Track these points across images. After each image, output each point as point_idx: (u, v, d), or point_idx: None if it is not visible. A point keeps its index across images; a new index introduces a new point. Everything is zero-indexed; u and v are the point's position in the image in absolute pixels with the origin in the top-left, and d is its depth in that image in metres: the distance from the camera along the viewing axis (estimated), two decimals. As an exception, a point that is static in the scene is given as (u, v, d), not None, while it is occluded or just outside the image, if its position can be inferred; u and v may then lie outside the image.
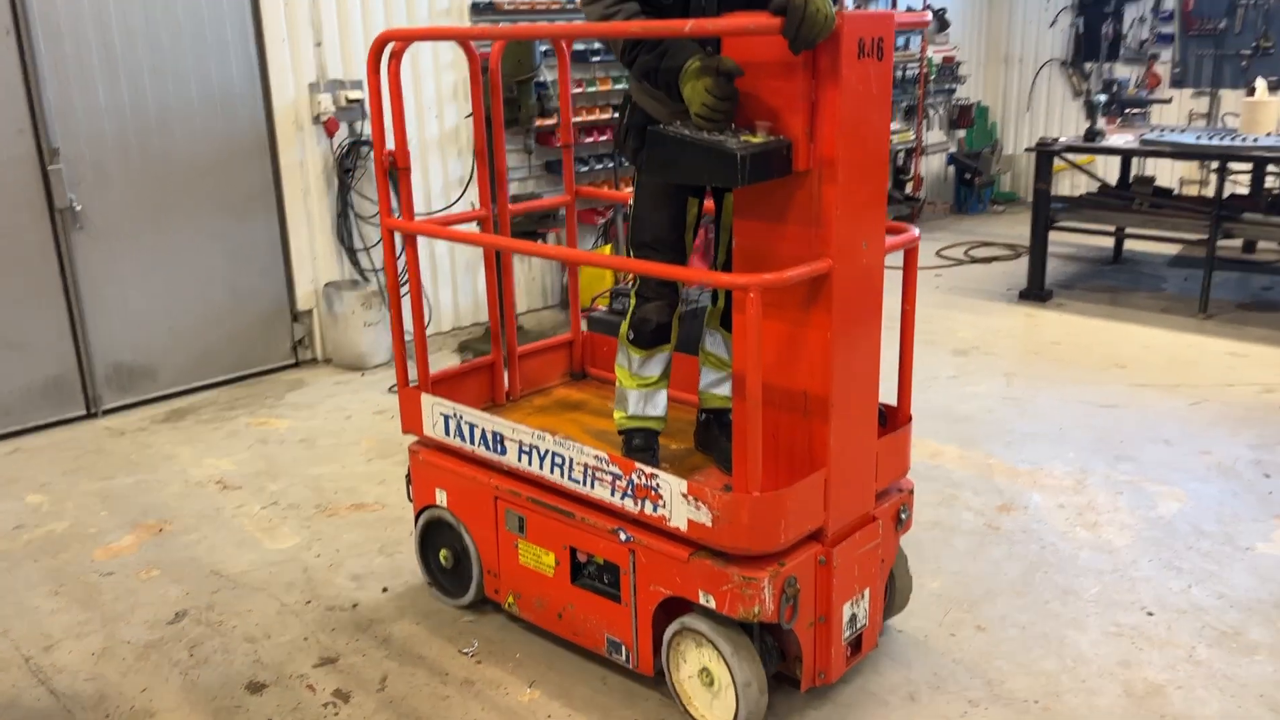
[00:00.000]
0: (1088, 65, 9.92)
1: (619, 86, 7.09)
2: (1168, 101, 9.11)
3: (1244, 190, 7.10)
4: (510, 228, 6.11)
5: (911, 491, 3.12)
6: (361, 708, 3.06)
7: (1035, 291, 7.16)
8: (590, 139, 6.96)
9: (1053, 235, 7.30)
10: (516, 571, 3.27)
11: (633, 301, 3.13)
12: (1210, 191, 7.35)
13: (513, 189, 6.43)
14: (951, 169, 10.31)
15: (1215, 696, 2.99)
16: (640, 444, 3.17)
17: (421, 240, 6.40)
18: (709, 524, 2.65)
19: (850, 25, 2.42)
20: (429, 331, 6.56)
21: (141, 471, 4.75)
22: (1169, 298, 7.14)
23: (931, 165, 10.24)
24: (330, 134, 5.92)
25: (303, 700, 3.10)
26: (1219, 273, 7.04)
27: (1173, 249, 8.10)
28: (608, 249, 6.56)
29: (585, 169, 6.95)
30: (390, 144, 3.28)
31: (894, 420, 3.10)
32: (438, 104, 6.43)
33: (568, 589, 3.13)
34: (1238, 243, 7.64)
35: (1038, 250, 7.14)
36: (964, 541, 3.88)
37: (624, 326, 3.15)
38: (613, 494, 2.88)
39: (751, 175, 2.41)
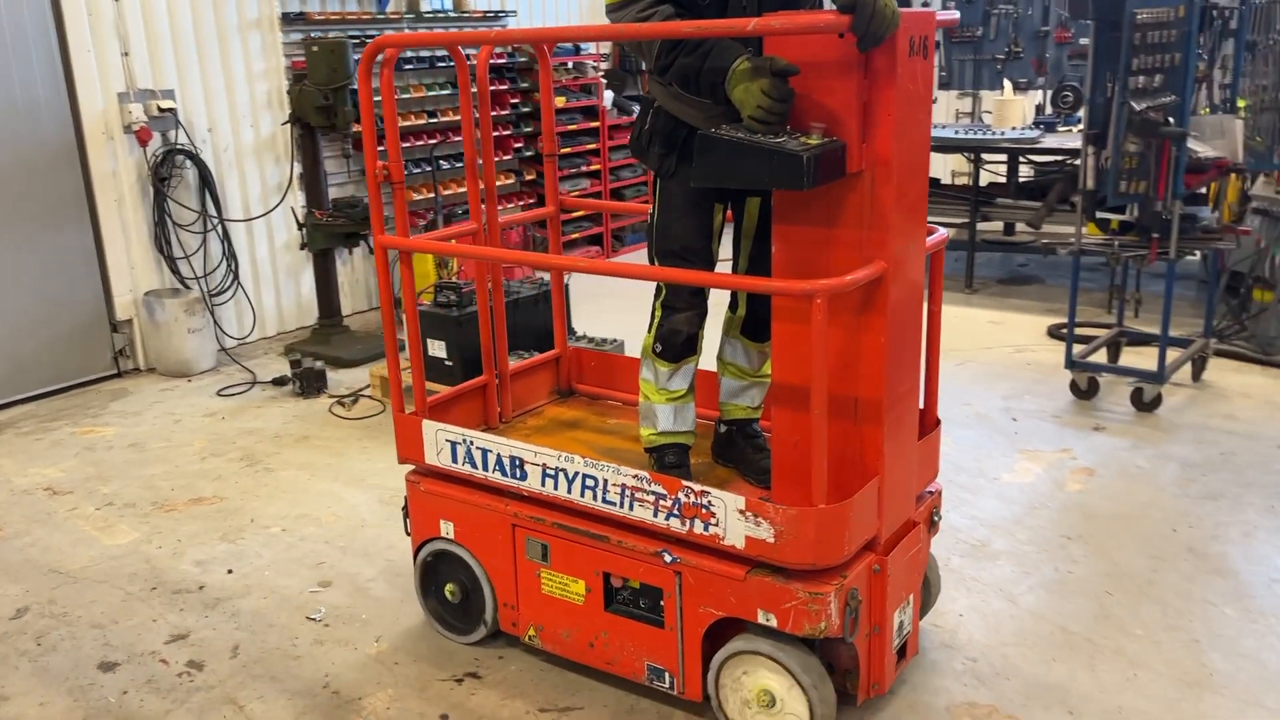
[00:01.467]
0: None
1: (432, 93, 7.36)
2: (935, 101, 10.06)
3: (1001, 179, 8.03)
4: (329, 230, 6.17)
5: (941, 493, 3.16)
6: (216, 673, 3.26)
7: (827, 275, 7.86)
8: (405, 144, 7.19)
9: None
10: (539, 602, 3.12)
11: (658, 314, 3.00)
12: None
13: (333, 193, 6.60)
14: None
15: (964, 594, 3.57)
16: (674, 460, 3.06)
17: (242, 243, 6.54)
18: (771, 540, 2.56)
19: (903, 25, 2.36)
20: (253, 336, 6.68)
21: (-38, 485, 4.71)
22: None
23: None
24: (143, 143, 5.95)
25: (156, 673, 3.28)
26: (982, 252, 7.94)
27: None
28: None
29: (403, 173, 7.17)
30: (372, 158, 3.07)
31: (925, 423, 3.05)
32: (253, 113, 6.52)
33: (600, 617, 2.99)
34: (1000, 226, 8.61)
35: (827, 238, 7.84)
36: (763, 490, 4.39)
37: (648, 340, 3.04)
38: (655, 515, 2.76)
39: (814, 178, 2.30)
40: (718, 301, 3.02)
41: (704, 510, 2.66)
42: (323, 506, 4.37)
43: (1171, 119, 4.63)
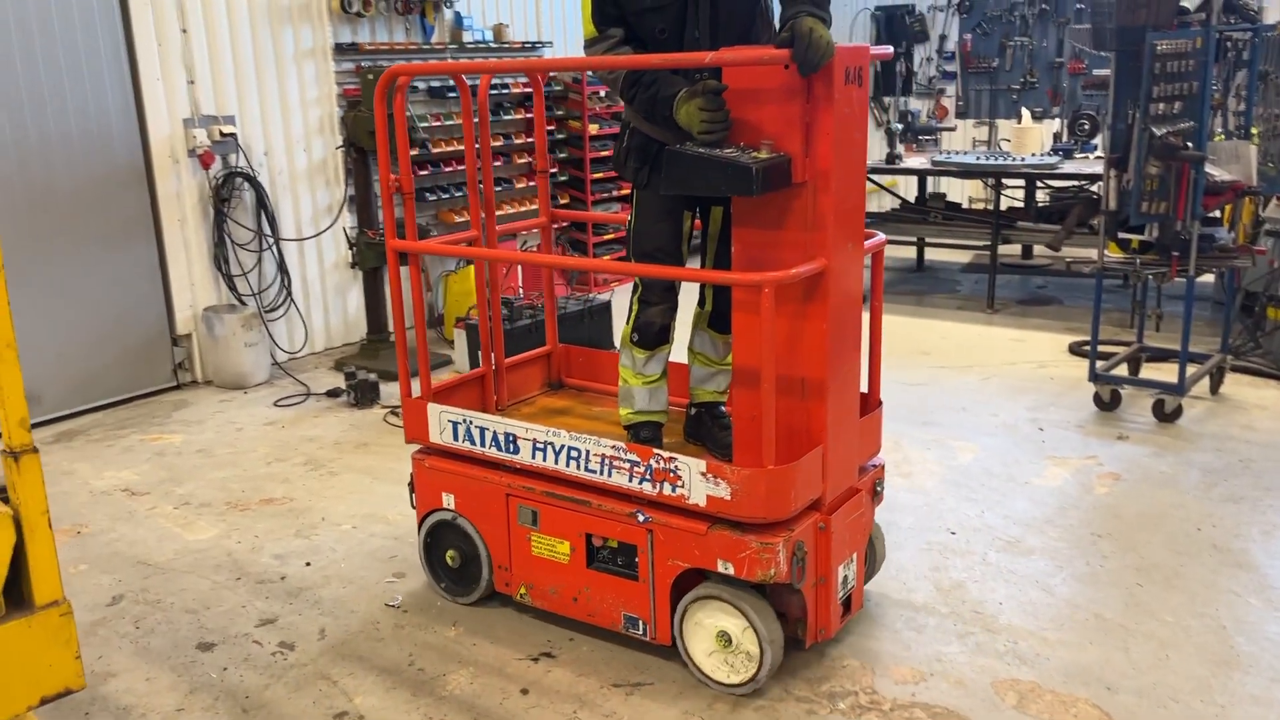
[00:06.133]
0: (886, 99, 11.14)
1: (476, 119, 7.65)
2: (953, 129, 10.38)
3: (1019, 203, 8.31)
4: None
5: (884, 467, 3.56)
6: (307, 652, 3.51)
7: (852, 296, 8.12)
8: (450, 168, 7.50)
9: (864, 247, 8.32)
10: (529, 563, 3.51)
11: (635, 308, 3.42)
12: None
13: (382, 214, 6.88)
14: (774, 193, 11.33)
15: (1002, 585, 3.80)
16: (648, 435, 3.47)
17: (294, 263, 6.82)
18: (728, 497, 2.96)
19: (839, 57, 2.80)
20: (303, 351, 6.95)
21: (43, 486, 4.96)
22: (963, 297, 8.25)
23: (756, 190, 11.23)
24: (206, 166, 6.25)
25: (252, 652, 3.52)
26: (1004, 275, 8.21)
27: (966, 257, 9.29)
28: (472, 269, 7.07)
29: (446, 196, 7.48)
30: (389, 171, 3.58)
31: (867, 404, 3.49)
32: (305, 138, 6.83)
33: (584, 573, 3.38)
34: (1018, 249, 8.88)
35: (852, 260, 8.11)
36: (805, 493, 4.62)
37: (626, 330, 3.46)
38: (630, 480, 3.15)
39: (763, 186, 2.73)
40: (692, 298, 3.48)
41: (671, 474, 3.07)
42: (388, 506, 4.62)
43: (1190, 144, 4.89)
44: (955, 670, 3.29)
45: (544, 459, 3.37)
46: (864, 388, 3.47)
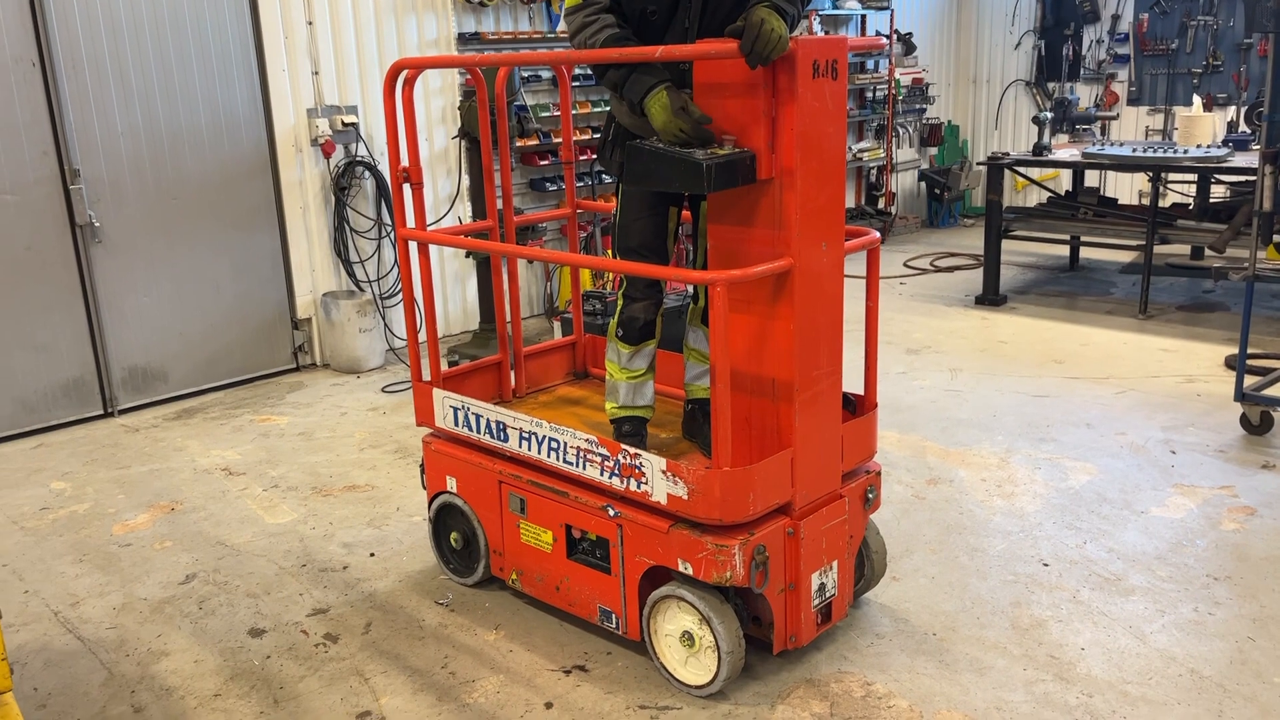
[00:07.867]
0: (1051, 85, 10.42)
1: (598, 110, 7.60)
2: (1115, 117, 9.60)
3: (1188, 199, 7.58)
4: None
5: (879, 473, 3.40)
6: (347, 646, 3.51)
7: (990, 296, 7.62)
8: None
9: (1015, 246, 7.78)
10: (519, 550, 3.56)
11: (620, 302, 3.40)
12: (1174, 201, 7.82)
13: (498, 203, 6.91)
14: (923, 185, 10.80)
15: (1089, 628, 3.43)
16: (630, 430, 3.45)
17: (413, 250, 6.92)
18: (685, 497, 2.93)
19: (804, 49, 2.71)
20: (420, 338, 7.05)
21: (154, 461, 5.22)
22: (1115, 301, 7.60)
23: (904, 181, 10.73)
24: (327, 155, 6.43)
25: (297, 641, 3.56)
26: (1168, 277, 7.52)
27: (1128, 256, 8.56)
28: (586, 260, 7.02)
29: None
30: (404, 161, 3.63)
31: (860, 407, 3.37)
32: (428, 128, 6.93)
33: (564, 563, 3.41)
34: (1186, 249, 8.12)
35: (992, 257, 7.61)
36: (892, 509, 4.32)
37: (613, 324, 3.43)
38: (602, 474, 3.16)
39: (717, 183, 2.71)
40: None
41: (637, 470, 3.05)
42: (462, 500, 4.61)
43: (1360, 136, 4.28)
44: (1014, 722, 2.98)
45: (529, 448, 3.40)
46: (861, 390, 3.40)
